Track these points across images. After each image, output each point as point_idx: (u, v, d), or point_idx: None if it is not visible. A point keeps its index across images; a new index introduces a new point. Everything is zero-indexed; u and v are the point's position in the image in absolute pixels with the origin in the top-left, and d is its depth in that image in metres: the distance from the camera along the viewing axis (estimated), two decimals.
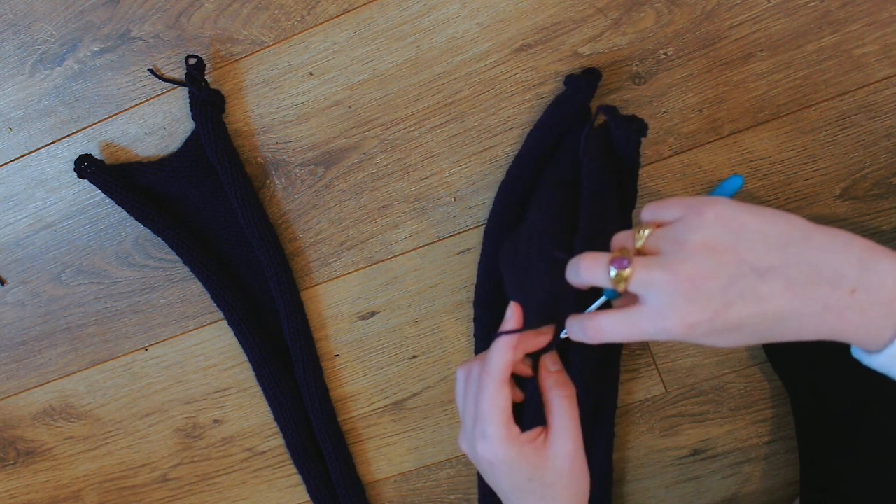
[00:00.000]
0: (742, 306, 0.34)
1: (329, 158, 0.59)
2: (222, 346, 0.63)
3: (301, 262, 0.61)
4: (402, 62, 0.57)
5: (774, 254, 0.35)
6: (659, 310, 0.36)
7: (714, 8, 0.53)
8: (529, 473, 0.42)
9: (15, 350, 0.66)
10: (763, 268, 0.35)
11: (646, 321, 0.36)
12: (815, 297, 0.34)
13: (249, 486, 0.66)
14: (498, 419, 0.42)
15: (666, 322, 0.35)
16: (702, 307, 0.35)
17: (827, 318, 0.34)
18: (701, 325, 0.35)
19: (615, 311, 0.38)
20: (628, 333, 0.37)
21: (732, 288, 0.35)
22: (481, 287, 0.58)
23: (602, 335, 0.38)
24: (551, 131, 0.55)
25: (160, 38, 0.58)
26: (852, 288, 0.34)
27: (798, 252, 0.35)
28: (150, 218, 0.59)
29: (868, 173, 0.55)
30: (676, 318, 0.35)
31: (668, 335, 0.36)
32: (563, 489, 0.43)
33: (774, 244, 0.35)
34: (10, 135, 0.62)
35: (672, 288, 0.35)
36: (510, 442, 0.42)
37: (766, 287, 0.34)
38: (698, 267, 0.35)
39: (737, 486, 0.60)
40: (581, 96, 0.54)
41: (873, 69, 0.53)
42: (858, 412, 0.48)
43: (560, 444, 0.42)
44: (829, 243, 0.35)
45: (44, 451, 0.68)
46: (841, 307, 0.34)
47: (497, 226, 0.57)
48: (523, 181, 0.56)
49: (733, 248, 0.35)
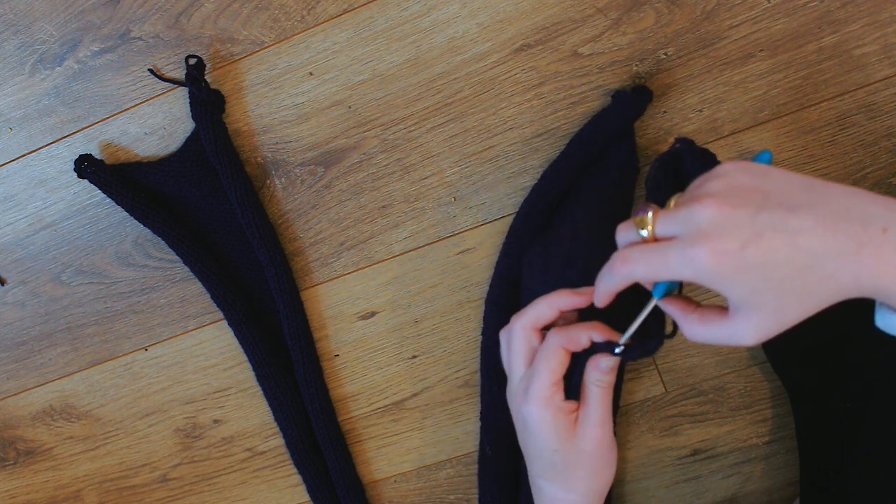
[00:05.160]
0: (773, 236, 0.33)
1: (329, 158, 0.59)
2: (222, 346, 0.63)
3: (301, 262, 0.61)
4: (402, 62, 0.57)
5: (801, 193, 0.34)
6: (687, 238, 0.34)
7: (714, 8, 0.53)
8: (556, 444, 0.43)
9: (15, 350, 0.66)
10: (791, 203, 0.34)
11: (673, 250, 0.35)
12: (847, 232, 0.33)
13: (249, 486, 0.66)
14: (546, 379, 0.42)
15: (694, 249, 0.34)
16: (732, 234, 0.33)
17: (864, 258, 0.33)
18: (731, 256, 0.33)
19: (643, 244, 0.37)
20: (655, 264, 0.36)
21: (761, 216, 0.33)
22: (496, 286, 0.58)
23: (627, 266, 0.37)
24: (593, 144, 0.54)
25: (160, 38, 0.58)
26: (884, 227, 0.33)
27: (824, 193, 0.34)
28: (150, 218, 0.59)
29: (868, 173, 0.55)
30: (706, 245, 0.33)
31: (697, 269, 0.34)
32: (584, 471, 0.44)
33: (798, 186, 0.35)
34: (10, 135, 0.62)
35: (699, 216, 0.34)
36: (547, 404, 0.42)
37: (796, 220, 0.33)
38: (725, 197, 0.34)
39: (737, 486, 0.60)
40: (628, 115, 0.53)
41: (873, 69, 0.53)
42: (858, 412, 0.48)
43: (589, 428, 0.43)
44: (852, 190, 0.35)
45: (44, 451, 0.68)
46: (876, 244, 0.33)
47: (524, 227, 0.56)
48: (559, 187, 0.55)
49: (758, 187, 0.35)
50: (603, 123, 0.54)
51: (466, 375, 0.61)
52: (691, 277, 0.35)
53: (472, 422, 0.62)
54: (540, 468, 0.45)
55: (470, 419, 0.62)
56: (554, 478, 0.44)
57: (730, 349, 0.58)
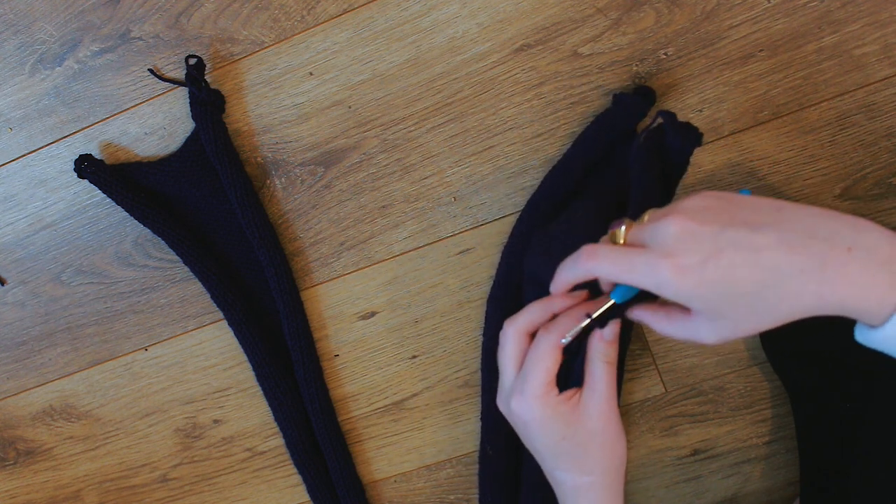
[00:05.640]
0: (734, 253, 0.34)
1: (329, 158, 0.59)
2: (222, 346, 0.63)
3: (301, 262, 0.61)
4: (402, 62, 0.57)
5: (767, 214, 0.35)
6: (653, 251, 0.36)
7: (714, 8, 0.53)
8: (562, 432, 0.43)
9: (15, 350, 0.66)
10: (756, 223, 0.35)
11: (640, 257, 0.36)
12: (811, 250, 0.34)
13: (249, 486, 0.66)
14: (540, 378, 0.43)
15: (657, 261, 0.35)
16: (693, 250, 0.35)
17: (828, 276, 0.34)
18: (691, 271, 0.35)
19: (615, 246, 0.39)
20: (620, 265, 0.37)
21: (725, 233, 0.35)
22: (499, 286, 0.58)
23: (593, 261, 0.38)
24: (596, 146, 0.54)
25: (160, 38, 0.58)
26: (849, 246, 0.34)
27: (791, 214, 0.35)
28: (150, 218, 0.59)
29: (868, 173, 0.55)
30: (669, 259, 0.35)
31: (658, 280, 0.36)
32: (596, 450, 0.44)
33: (766, 209, 0.36)
34: (10, 135, 0.62)
35: (665, 232, 0.36)
36: (544, 400, 0.43)
37: (759, 238, 0.34)
38: (692, 214, 0.36)
39: (737, 486, 0.60)
40: (632, 116, 0.53)
41: (873, 69, 0.53)
42: (858, 412, 0.48)
43: (593, 404, 0.43)
44: (820, 211, 0.36)
45: (44, 451, 0.68)
46: (841, 262, 0.33)
47: (527, 229, 0.56)
48: (562, 189, 0.55)
49: (726, 208, 0.36)
50: (605, 125, 0.54)
51: (466, 375, 0.61)
52: (652, 287, 0.36)
53: (472, 422, 0.62)
54: (553, 461, 0.45)
55: (470, 419, 0.62)
56: (569, 465, 0.45)
57: (730, 349, 0.58)
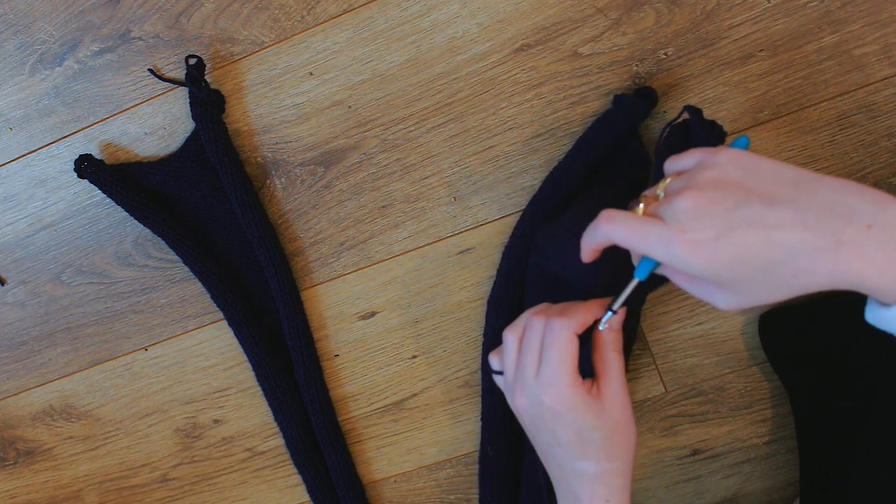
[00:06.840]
0: (746, 230, 0.34)
1: (329, 158, 0.59)
2: (222, 346, 0.63)
3: (301, 262, 0.61)
4: (402, 62, 0.57)
5: (785, 188, 0.35)
6: (666, 225, 0.36)
7: (714, 8, 0.53)
8: (592, 421, 0.44)
9: (15, 350, 0.66)
10: (771, 198, 0.35)
11: (655, 228, 0.37)
12: (827, 228, 0.33)
13: (249, 486, 0.66)
14: (570, 365, 0.43)
15: (671, 236, 0.36)
16: (705, 226, 0.35)
17: (842, 255, 0.33)
18: (704, 247, 0.35)
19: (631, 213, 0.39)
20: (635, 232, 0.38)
21: (739, 210, 0.35)
22: (499, 286, 0.58)
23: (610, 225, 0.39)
24: (598, 147, 0.54)
25: (160, 38, 0.58)
26: (868, 223, 0.33)
27: (810, 188, 0.35)
28: (150, 218, 0.59)
29: (868, 173, 0.55)
30: (681, 234, 0.35)
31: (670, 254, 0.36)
32: (620, 439, 0.45)
33: (785, 181, 0.36)
34: (10, 135, 0.62)
35: (680, 207, 0.36)
36: (576, 388, 0.43)
37: (773, 215, 0.34)
38: (706, 190, 0.36)
39: (737, 486, 0.60)
40: (633, 116, 0.53)
41: (873, 69, 0.53)
42: (858, 412, 0.48)
43: (613, 391, 0.44)
44: (843, 184, 0.35)
45: (44, 451, 0.68)
46: (857, 242, 0.33)
47: (528, 230, 0.56)
48: (564, 190, 0.55)
49: (742, 182, 0.36)
50: (606, 126, 0.54)
51: (466, 375, 0.61)
52: (664, 259, 0.37)
53: (472, 422, 0.62)
54: (579, 450, 0.45)
55: (470, 419, 0.62)
56: (596, 454, 0.45)
57: (729, 349, 0.58)
